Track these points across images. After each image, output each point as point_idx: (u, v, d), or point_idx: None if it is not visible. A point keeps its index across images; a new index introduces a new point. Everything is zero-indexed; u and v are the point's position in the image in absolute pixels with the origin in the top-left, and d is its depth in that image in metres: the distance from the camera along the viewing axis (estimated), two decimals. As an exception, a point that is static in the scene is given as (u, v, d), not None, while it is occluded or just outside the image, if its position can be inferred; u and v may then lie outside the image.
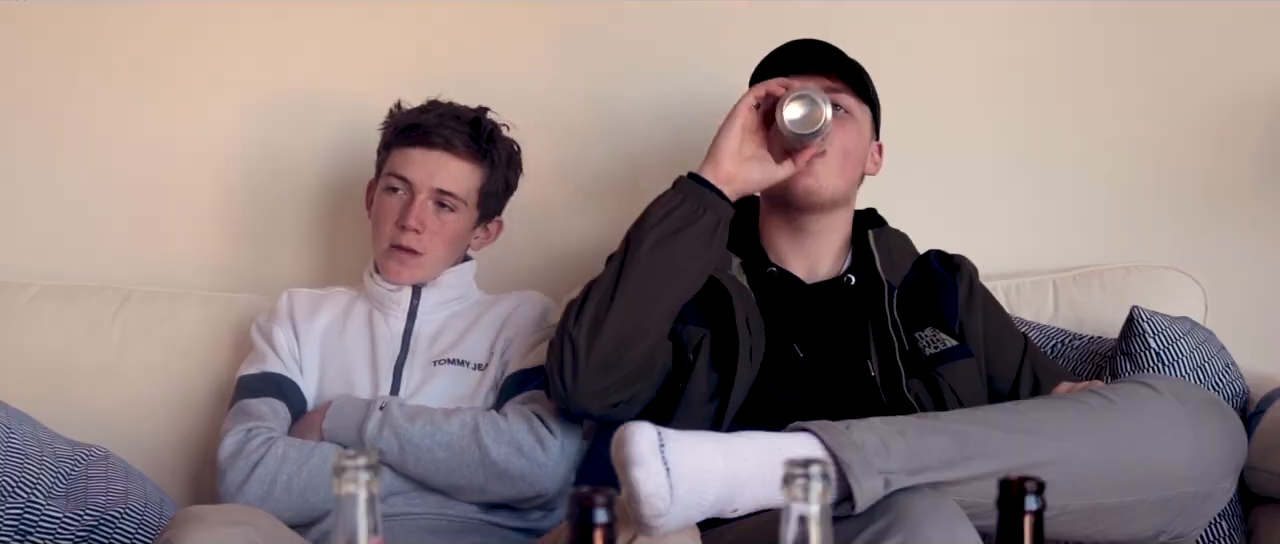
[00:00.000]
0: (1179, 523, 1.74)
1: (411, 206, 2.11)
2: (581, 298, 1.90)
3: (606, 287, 1.88)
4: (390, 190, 2.14)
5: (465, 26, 2.49)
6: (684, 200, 1.89)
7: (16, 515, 1.97)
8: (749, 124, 1.94)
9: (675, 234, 1.88)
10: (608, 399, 1.89)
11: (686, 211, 1.89)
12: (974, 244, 2.23)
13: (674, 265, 1.88)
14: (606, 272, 1.91)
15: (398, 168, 2.13)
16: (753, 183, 1.94)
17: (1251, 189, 2.51)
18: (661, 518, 1.52)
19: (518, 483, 1.99)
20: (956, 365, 1.99)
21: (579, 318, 1.88)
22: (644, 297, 1.88)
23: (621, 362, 1.88)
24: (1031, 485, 1.18)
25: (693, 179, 1.91)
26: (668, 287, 1.89)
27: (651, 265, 1.87)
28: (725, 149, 1.92)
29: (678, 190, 1.91)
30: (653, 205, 1.92)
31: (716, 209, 1.89)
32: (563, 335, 1.89)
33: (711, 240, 1.90)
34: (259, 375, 2.10)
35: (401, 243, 2.11)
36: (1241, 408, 2.15)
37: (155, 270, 2.47)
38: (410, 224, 2.10)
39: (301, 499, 1.96)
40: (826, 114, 1.89)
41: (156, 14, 2.48)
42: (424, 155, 2.12)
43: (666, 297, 1.90)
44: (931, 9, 2.49)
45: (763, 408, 1.93)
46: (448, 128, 2.12)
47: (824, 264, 2.10)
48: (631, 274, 1.87)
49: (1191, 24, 2.50)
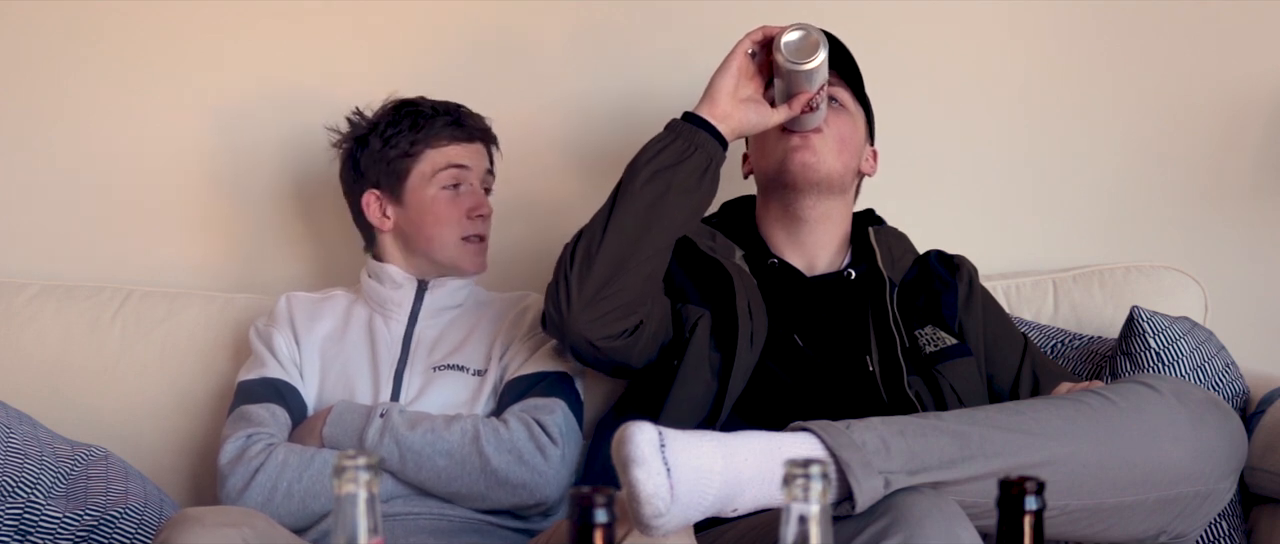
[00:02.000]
0: (1179, 523, 1.75)
1: (476, 194, 2.16)
2: (575, 236, 1.93)
3: (599, 219, 1.91)
4: (450, 187, 2.15)
5: (466, 24, 2.49)
6: (676, 139, 1.91)
7: (16, 515, 1.97)
8: (746, 67, 1.95)
9: (667, 170, 1.90)
10: (603, 330, 1.91)
11: (678, 149, 1.90)
12: (974, 244, 2.24)
13: (666, 201, 1.90)
14: (600, 208, 1.93)
15: (454, 160, 2.15)
16: (749, 124, 1.95)
17: (1251, 189, 2.51)
18: (662, 518, 1.52)
19: (518, 491, 1.99)
20: (956, 364, 2.00)
21: (573, 250, 1.91)
22: (635, 229, 1.90)
23: (614, 292, 1.90)
24: (1031, 485, 1.18)
25: (687, 119, 1.93)
26: (659, 221, 1.91)
27: (643, 199, 1.89)
28: (721, 88, 1.93)
29: (670, 130, 1.93)
30: (647, 144, 1.94)
31: (708, 148, 1.91)
32: (558, 268, 1.92)
33: (702, 179, 1.91)
34: (259, 381, 2.10)
35: (481, 231, 2.16)
36: (1241, 408, 2.15)
37: (155, 270, 2.47)
38: (484, 211, 2.16)
39: (302, 506, 1.96)
40: (822, 50, 1.91)
41: (156, 13, 2.48)
42: (467, 147, 2.18)
43: (658, 230, 1.91)
44: (931, 9, 2.49)
45: (764, 392, 1.93)
46: (472, 119, 2.19)
47: (822, 257, 2.10)
48: (623, 207, 1.90)
49: (1191, 24, 2.50)
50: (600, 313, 1.90)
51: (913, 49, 2.49)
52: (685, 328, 1.97)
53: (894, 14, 2.49)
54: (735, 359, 1.92)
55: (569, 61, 2.50)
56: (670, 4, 2.49)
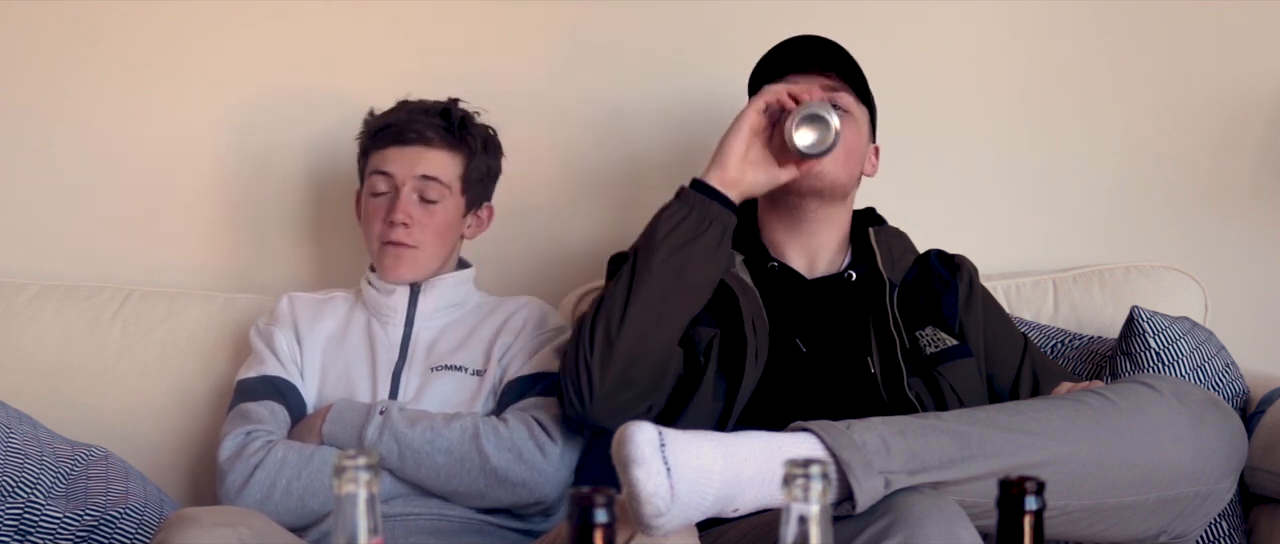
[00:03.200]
0: (1179, 523, 1.75)
1: (397, 201, 2.11)
2: (592, 315, 1.91)
3: (617, 302, 1.89)
4: (375, 193, 2.15)
5: (464, 25, 2.49)
6: (690, 212, 1.90)
7: (16, 515, 1.97)
8: (757, 127, 1.95)
9: (683, 247, 1.89)
10: (624, 414, 1.88)
11: (693, 224, 1.90)
12: (974, 244, 2.23)
13: (684, 278, 1.89)
14: (616, 285, 1.91)
15: (378, 167, 2.14)
16: (758, 186, 1.96)
17: (1251, 189, 2.51)
18: (662, 518, 1.52)
19: (518, 489, 1.99)
20: (957, 365, 1.99)
21: (592, 336, 1.88)
22: (655, 312, 1.89)
23: (636, 378, 1.89)
24: (1031, 485, 1.18)
25: (697, 188, 1.92)
26: (679, 300, 1.90)
27: (662, 280, 1.88)
28: (731, 154, 1.93)
29: (683, 202, 1.92)
30: (659, 218, 1.92)
31: (722, 220, 1.91)
32: (577, 354, 1.90)
33: (718, 250, 1.91)
34: (258, 379, 2.10)
35: (392, 238, 2.12)
36: (1241, 408, 2.15)
37: (155, 270, 2.47)
38: (398, 218, 2.10)
39: (300, 503, 1.96)
40: (835, 129, 1.91)
41: (157, 13, 2.48)
42: (401, 151, 2.13)
43: (678, 310, 1.91)
44: (931, 9, 2.49)
45: (767, 402, 1.93)
46: (419, 122, 2.13)
47: (823, 259, 2.10)
48: (642, 290, 1.88)
49: (1191, 24, 2.50)
50: (620, 402, 1.89)
51: (913, 49, 2.49)
52: (698, 353, 1.97)
53: (894, 14, 2.48)
54: (742, 379, 1.92)
55: (566, 63, 2.50)
56: (669, 6, 2.49)
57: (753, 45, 2.13)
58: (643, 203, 2.46)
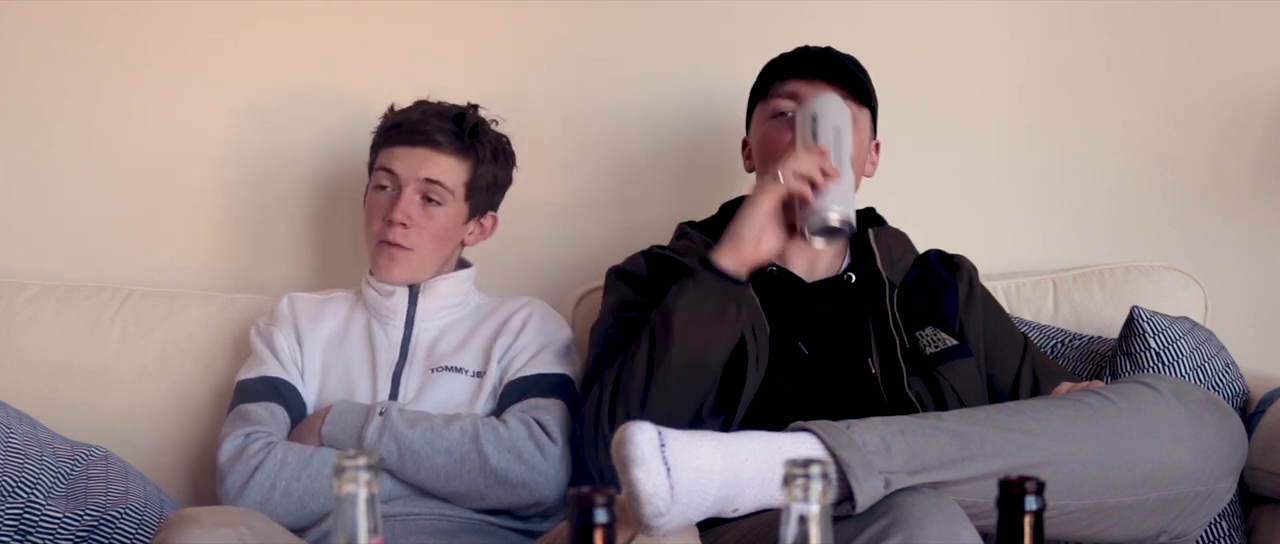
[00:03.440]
0: (1179, 523, 1.75)
1: (398, 201, 2.11)
2: (611, 394, 1.91)
3: (636, 384, 1.90)
4: (378, 188, 2.15)
5: (465, 27, 2.49)
6: (707, 296, 1.90)
7: (16, 515, 1.97)
8: (772, 212, 1.94)
9: (703, 329, 1.89)
10: None
11: (713, 309, 1.90)
12: (974, 244, 2.23)
13: (703, 361, 1.90)
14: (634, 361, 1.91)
15: (384, 164, 2.14)
16: (769, 255, 1.96)
17: (1251, 189, 2.51)
18: (662, 518, 1.52)
19: (518, 490, 1.99)
20: (957, 365, 2.00)
21: (612, 415, 1.89)
22: (677, 395, 1.90)
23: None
24: (1031, 485, 1.18)
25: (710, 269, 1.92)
26: (699, 381, 1.91)
27: (682, 364, 1.89)
28: (747, 239, 1.93)
29: (701, 286, 1.91)
30: (677, 300, 1.92)
31: (740, 300, 1.91)
32: (595, 429, 1.91)
33: (736, 325, 1.92)
34: (258, 379, 2.09)
35: (389, 238, 2.11)
36: (1241, 408, 2.15)
37: (154, 270, 2.47)
38: (397, 218, 2.10)
39: (300, 504, 1.96)
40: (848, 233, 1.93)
41: (157, 13, 2.48)
42: (408, 152, 2.13)
43: (697, 389, 1.91)
44: (931, 9, 2.49)
45: (768, 405, 1.93)
46: (430, 124, 2.13)
47: (822, 261, 2.10)
48: (662, 375, 1.89)
49: (1191, 24, 2.50)
50: None
51: (913, 49, 2.49)
52: None
53: (894, 14, 2.48)
54: (744, 385, 1.92)
55: (567, 64, 2.50)
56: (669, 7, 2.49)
57: (753, 47, 2.13)
58: (643, 204, 2.46)
